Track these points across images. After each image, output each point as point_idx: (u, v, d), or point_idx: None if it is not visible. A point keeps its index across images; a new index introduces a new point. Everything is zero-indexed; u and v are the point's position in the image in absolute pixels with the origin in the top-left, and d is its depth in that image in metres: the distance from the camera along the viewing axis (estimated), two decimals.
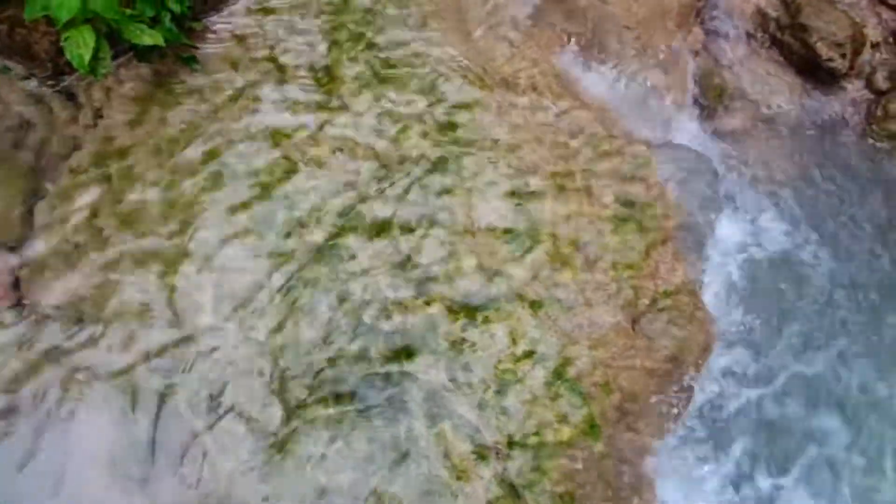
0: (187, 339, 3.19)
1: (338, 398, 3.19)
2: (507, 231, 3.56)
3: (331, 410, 3.17)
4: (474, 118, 3.80)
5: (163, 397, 3.08)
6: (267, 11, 3.92)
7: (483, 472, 3.12)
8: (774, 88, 5.67)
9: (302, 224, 3.47)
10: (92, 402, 3.05)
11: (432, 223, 3.54)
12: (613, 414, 3.42)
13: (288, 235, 3.44)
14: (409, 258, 3.45)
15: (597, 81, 4.52)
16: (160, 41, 3.31)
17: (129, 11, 3.32)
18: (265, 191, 3.51)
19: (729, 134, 5.70)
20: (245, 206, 3.48)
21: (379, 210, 3.56)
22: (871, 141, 5.53)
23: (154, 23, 3.43)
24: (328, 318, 3.31)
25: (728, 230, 4.94)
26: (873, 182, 5.47)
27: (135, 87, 3.67)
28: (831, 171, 5.49)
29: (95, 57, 3.13)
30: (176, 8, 3.48)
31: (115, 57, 3.55)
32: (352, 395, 3.20)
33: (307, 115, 3.69)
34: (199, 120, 3.61)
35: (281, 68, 3.79)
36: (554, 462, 3.20)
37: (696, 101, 5.64)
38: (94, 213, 3.38)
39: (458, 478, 3.09)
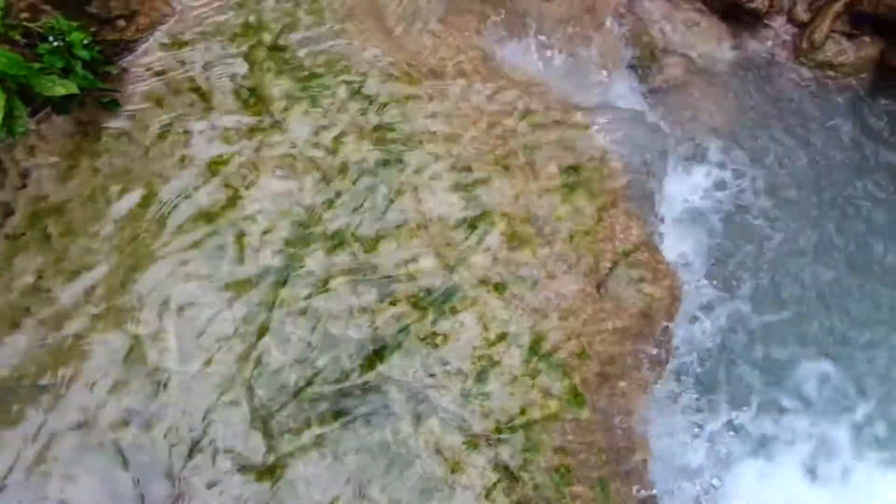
0: (157, 386, 3.13)
1: (320, 416, 3.16)
2: (459, 220, 3.56)
3: (315, 429, 3.14)
4: (408, 114, 3.78)
5: (141, 448, 3.02)
6: (181, 44, 3.85)
7: (476, 461, 3.12)
8: (703, 38, 5.76)
9: (254, 249, 3.43)
10: (68, 465, 2.98)
11: (385, 225, 3.52)
12: (595, 380, 3.45)
13: (242, 263, 3.39)
14: (367, 263, 3.43)
15: (524, 57, 4.54)
16: (74, 90, 3.24)
17: (37, 65, 3.24)
18: (211, 223, 3.46)
19: (666, 89, 5.77)
20: (193, 241, 3.42)
21: (330, 222, 3.53)
22: (801, 73, 5.66)
23: (66, 73, 3.35)
24: (296, 337, 3.28)
25: (677, 182, 5.02)
26: (809, 113, 5.59)
27: (59, 141, 3.58)
28: (768, 108, 5.60)
29: (10, 116, 3.04)
30: (85, 55, 3.40)
31: (32, 113, 3.46)
32: (334, 410, 3.17)
33: (241, 140, 3.64)
34: (130, 163, 3.54)
35: (205, 97, 3.73)
36: (544, 438, 3.22)
37: (629, 62, 5.72)
38: (39, 274, 3.30)
39: (453, 470, 3.08)
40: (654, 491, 3.61)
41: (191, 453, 3.03)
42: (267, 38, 3.93)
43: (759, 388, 4.60)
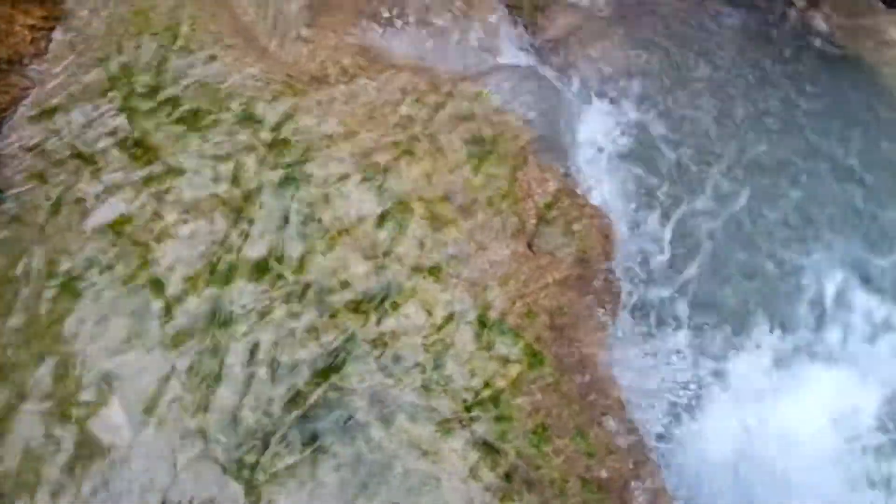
0: (114, 464, 3.01)
1: (289, 445, 3.09)
2: (378, 216, 3.53)
3: (287, 459, 3.08)
4: (301, 126, 3.72)
5: None
6: (50, 112, 3.69)
7: (454, 445, 3.12)
8: None
9: (180, 299, 3.33)
10: None
11: (306, 241, 3.46)
12: (549, 335, 3.47)
13: (171, 317, 3.28)
14: (298, 283, 3.37)
15: (405, 41, 4.51)
16: None
17: None
18: (129, 284, 3.34)
19: (557, 40, 5.83)
20: (114, 309, 3.29)
21: (250, 251, 3.45)
22: (682, 4, 5.79)
23: None
24: (246, 375, 3.20)
25: (585, 127, 5.08)
26: (698, 41, 5.74)
27: None
28: (658, 41, 5.72)
29: None
30: None
31: None
32: (301, 437, 3.11)
33: (138, 194, 3.52)
34: (28, 245, 3.38)
35: (90, 160, 3.59)
36: (515, 404, 3.23)
37: (513, 22, 5.76)
38: None
39: (434, 460, 3.07)
40: (634, 422, 3.68)
41: None
42: (139, 84, 3.80)
43: (708, 306, 4.72)
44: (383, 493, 3.01)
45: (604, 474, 3.22)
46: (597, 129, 5.18)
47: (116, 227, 3.47)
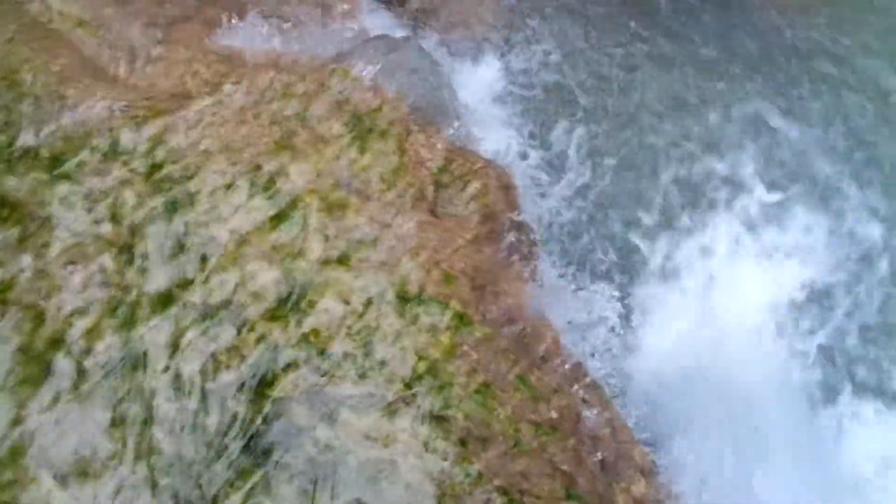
0: None
1: (239, 471, 3.00)
2: (273, 218, 3.43)
3: (242, 486, 2.98)
4: (172, 147, 3.56)
5: None
6: None
7: (403, 425, 3.09)
8: None
9: (87, 353, 3.16)
10: None
11: (205, 260, 3.34)
12: (472, 295, 3.48)
13: (83, 376, 3.11)
14: (207, 306, 3.25)
15: (263, 38, 4.39)
16: None
17: None
18: (28, 353, 3.14)
19: (428, 8, 5.81)
20: (19, 381, 3.10)
21: (150, 286, 3.30)
22: None
23: None
24: (176, 411, 3.08)
25: (465, 84, 5.09)
26: None
27: None
28: None
29: None
30: None
31: None
32: (250, 459, 3.02)
33: (13, 256, 3.30)
34: None
35: None
36: (452, 369, 3.22)
37: None
38: None
39: (386, 445, 3.04)
40: (573, 356, 3.75)
41: None
42: None
43: (624, 226, 4.86)
44: (343, 490, 2.96)
45: (553, 414, 3.27)
46: (479, 86, 5.21)
47: (0, 295, 3.25)
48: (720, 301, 4.60)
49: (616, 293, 4.43)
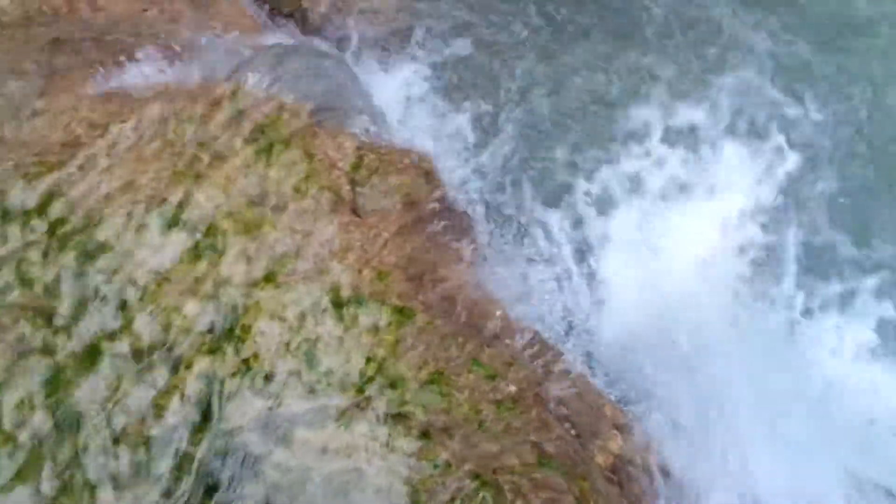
0: None
1: None
2: (191, 250, 3.31)
3: None
4: (71, 198, 3.40)
5: None
6: None
7: (361, 430, 3.00)
8: None
9: (19, 426, 2.99)
10: None
11: (127, 306, 3.20)
12: (409, 286, 3.41)
13: (15, 448, 2.95)
14: (136, 350, 3.11)
15: (151, 70, 4.22)
16: None
17: None
18: None
19: (328, 19, 5.74)
20: None
21: (74, 344, 3.15)
22: None
23: None
24: (122, 467, 2.94)
25: (370, 79, 5.01)
26: None
27: None
28: None
29: None
30: None
31: None
32: (208, 497, 2.91)
33: None
34: None
35: None
36: (402, 364, 3.15)
37: (268, 12, 5.62)
38: None
39: (348, 455, 2.95)
40: (526, 326, 3.71)
41: None
42: None
43: (554, 187, 4.86)
44: None
45: (512, 388, 3.22)
46: (383, 79, 5.14)
47: None
48: (661, 244, 4.62)
49: (559, 251, 4.41)
